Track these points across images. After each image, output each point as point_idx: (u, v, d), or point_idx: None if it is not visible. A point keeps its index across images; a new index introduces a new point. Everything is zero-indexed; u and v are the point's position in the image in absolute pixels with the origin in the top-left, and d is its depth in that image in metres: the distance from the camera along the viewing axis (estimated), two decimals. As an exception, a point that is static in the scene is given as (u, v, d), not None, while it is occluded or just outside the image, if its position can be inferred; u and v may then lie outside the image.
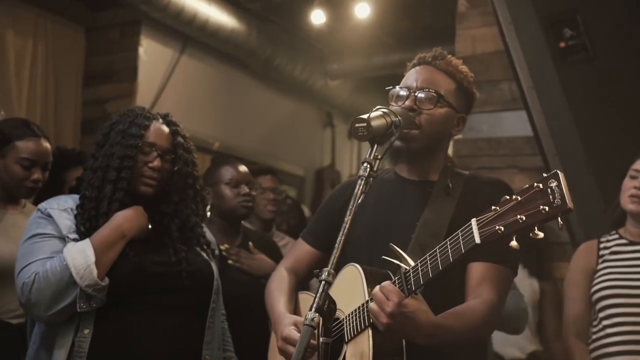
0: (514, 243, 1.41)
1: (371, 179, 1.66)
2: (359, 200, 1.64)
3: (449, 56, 2.04)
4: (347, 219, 1.63)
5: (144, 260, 2.17)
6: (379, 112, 1.76)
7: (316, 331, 1.55)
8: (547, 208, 1.38)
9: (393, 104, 1.95)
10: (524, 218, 1.40)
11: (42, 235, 2.13)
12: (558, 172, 1.39)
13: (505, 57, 3.44)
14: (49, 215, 2.17)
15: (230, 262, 3.03)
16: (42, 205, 2.22)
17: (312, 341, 1.55)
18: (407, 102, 1.94)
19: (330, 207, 2.13)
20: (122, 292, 2.11)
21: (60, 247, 2.09)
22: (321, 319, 1.54)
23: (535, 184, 1.41)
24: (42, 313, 2.06)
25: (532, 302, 3.56)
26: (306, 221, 5.21)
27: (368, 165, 1.67)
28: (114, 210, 2.16)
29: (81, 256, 2.03)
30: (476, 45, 4.12)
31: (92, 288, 2.02)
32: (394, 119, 1.76)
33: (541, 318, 3.62)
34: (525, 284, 3.53)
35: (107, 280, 2.06)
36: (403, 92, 1.97)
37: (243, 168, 3.26)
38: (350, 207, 1.64)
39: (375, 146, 1.71)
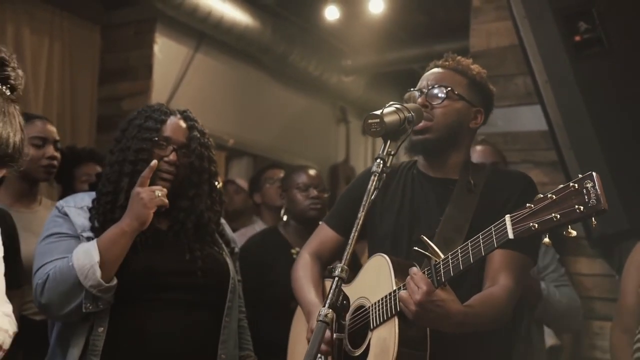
0: (546, 240, 1.45)
1: (384, 175, 1.68)
2: (372, 197, 1.65)
3: (459, 57, 2.10)
4: (361, 214, 1.64)
5: (158, 258, 2.16)
6: (392, 108, 1.78)
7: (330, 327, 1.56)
8: (582, 207, 1.40)
9: None
10: (558, 216, 1.43)
11: (58, 235, 2.14)
12: (593, 173, 1.42)
13: (520, 51, 3.42)
14: (66, 214, 2.17)
15: None
16: (60, 203, 2.23)
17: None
18: (419, 101, 2.00)
19: (354, 194, 2.15)
20: (136, 290, 2.11)
21: (75, 246, 2.10)
22: (334, 315, 1.55)
23: (571, 184, 1.43)
24: (55, 313, 2.08)
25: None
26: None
27: (381, 161, 1.69)
28: None
29: (85, 256, 2.02)
30: (491, 39, 4.09)
31: (96, 289, 2.01)
32: (407, 114, 1.78)
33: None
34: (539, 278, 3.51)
35: (114, 281, 2.05)
36: (416, 94, 2.04)
37: (313, 172, 3.42)
38: (363, 203, 1.65)
39: (389, 142, 1.73)
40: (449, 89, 1.99)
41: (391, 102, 1.82)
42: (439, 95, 1.99)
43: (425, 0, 5.97)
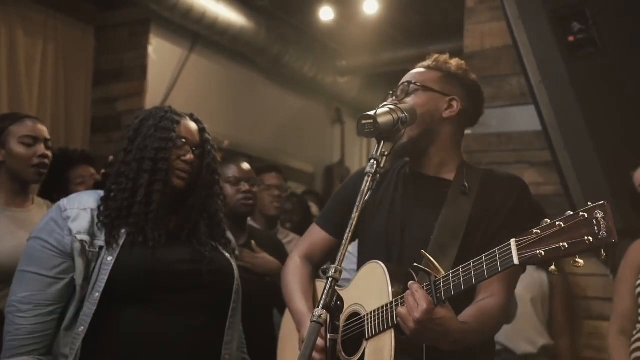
0: (552, 268, 1.42)
1: (378, 175, 1.67)
2: (366, 197, 1.65)
3: (437, 55, 2.08)
4: (354, 215, 1.64)
5: (165, 257, 2.14)
6: (385, 109, 1.77)
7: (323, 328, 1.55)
8: (591, 239, 1.37)
9: None
10: (566, 246, 1.39)
11: (44, 244, 2.09)
12: (605, 203, 1.38)
13: (514, 51, 3.42)
14: (67, 217, 2.11)
15: None
16: (64, 203, 2.16)
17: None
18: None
19: (346, 194, 2.13)
20: (141, 290, 2.08)
21: (48, 291, 2.05)
22: (329, 315, 1.54)
23: (581, 213, 1.39)
24: None
25: (540, 296, 3.54)
26: (312, 218, 5.18)
27: (375, 162, 1.68)
28: (155, 200, 2.12)
29: None
30: (485, 40, 4.10)
31: None
32: (400, 115, 1.77)
33: (551, 312, 3.60)
34: (534, 277, 3.51)
35: None
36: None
37: (244, 166, 3.22)
38: (357, 204, 1.65)
39: (382, 142, 1.72)
40: (410, 82, 1.99)
41: (385, 103, 1.82)
42: (403, 90, 1.99)
43: (420, 0, 5.98)
